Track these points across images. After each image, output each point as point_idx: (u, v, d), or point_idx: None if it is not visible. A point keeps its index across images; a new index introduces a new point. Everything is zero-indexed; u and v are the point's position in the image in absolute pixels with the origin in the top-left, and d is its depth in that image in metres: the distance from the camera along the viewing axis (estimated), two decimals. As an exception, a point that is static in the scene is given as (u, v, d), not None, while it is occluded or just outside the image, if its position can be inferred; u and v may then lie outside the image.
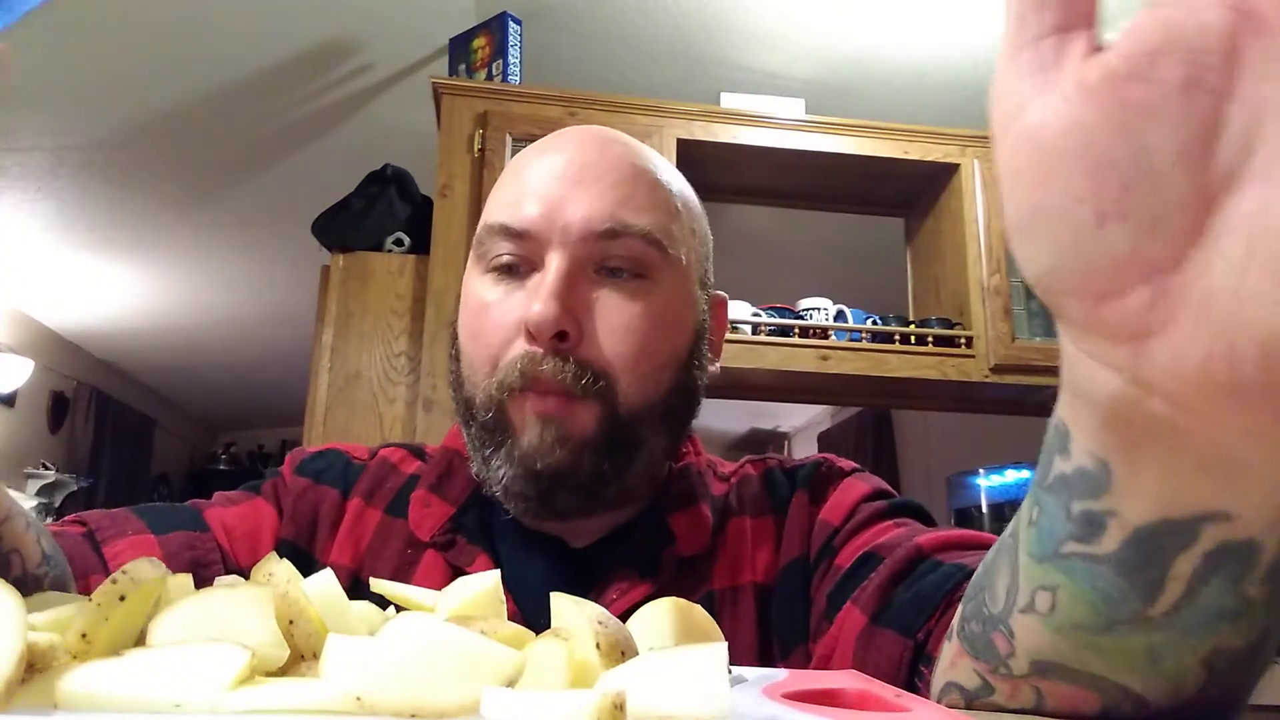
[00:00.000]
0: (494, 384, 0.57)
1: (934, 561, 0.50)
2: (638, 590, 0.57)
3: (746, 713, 0.26)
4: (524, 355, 0.55)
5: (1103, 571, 0.30)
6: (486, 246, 0.59)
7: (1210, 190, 0.23)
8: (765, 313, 2.15)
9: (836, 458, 0.67)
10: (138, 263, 4.08)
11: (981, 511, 4.09)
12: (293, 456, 0.68)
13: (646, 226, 0.58)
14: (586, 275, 0.57)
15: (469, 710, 0.24)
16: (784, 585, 0.60)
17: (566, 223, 0.56)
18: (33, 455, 4.84)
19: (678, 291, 0.60)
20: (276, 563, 0.32)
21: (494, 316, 0.58)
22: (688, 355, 0.61)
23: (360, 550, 0.63)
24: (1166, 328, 0.24)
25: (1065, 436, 0.30)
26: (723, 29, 2.41)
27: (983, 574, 0.39)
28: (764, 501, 0.64)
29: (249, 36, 2.47)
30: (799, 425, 6.37)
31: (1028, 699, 0.36)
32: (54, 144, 3.04)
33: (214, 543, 0.59)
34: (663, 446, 0.61)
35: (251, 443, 6.93)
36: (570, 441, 0.55)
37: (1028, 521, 0.33)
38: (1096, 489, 0.29)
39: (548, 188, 0.58)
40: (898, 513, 0.59)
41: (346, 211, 2.22)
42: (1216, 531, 0.28)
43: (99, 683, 0.23)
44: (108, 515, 0.58)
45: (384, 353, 2.09)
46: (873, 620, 0.50)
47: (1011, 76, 0.25)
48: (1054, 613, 0.33)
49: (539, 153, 0.61)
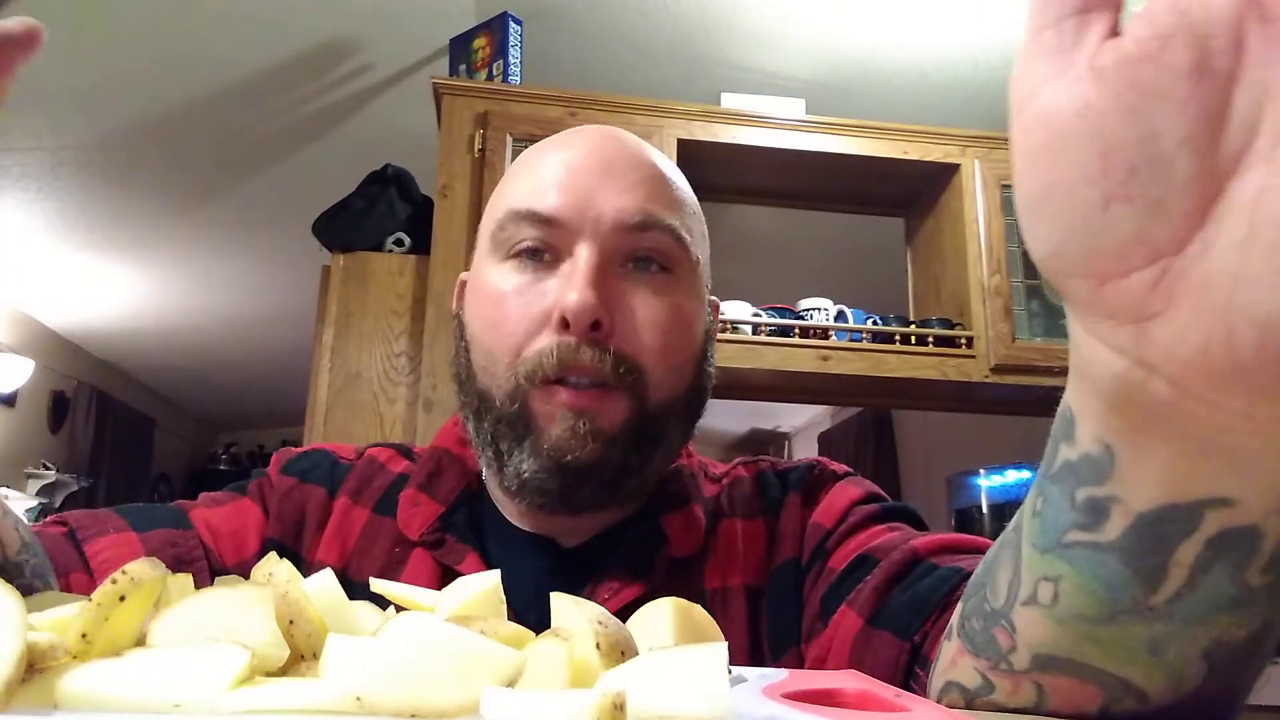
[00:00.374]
0: (520, 374, 0.55)
1: (930, 564, 0.50)
2: (629, 591, 0.57)
3: (746, 713, 0.26)
4: (559, 344, 0.54)
5: (1106, 559, 0.31)
6: (509, 233, 0.58)
7: (1214, 174, 0.23)
8: (765, 313, 2.15)
9: (829, 461, 0.67)
10: (138, 263, 4.08)
11: (982, 512, 4.09)
12: (278, 456, 0.68)
13: (674, 222, 0.58)
14: (615, 268, 0.57)
15: (469, 710, 0.24)
16: (776, 587, 0.60)
17: (599, 213, 0.56)
18: (33, 455, 4.84)
19: (696, 289, 0.61)
20: (276, 563, 0.32)
21: (516, 306, 0.56)
22: (703, 353, 0.62)
23: (347, 549, 0.62)
24: (1168, 310, 0.24)
25: (1071, 423, 0.31)
26: (723, 29, 2.41)
27: (984, 571, 0.39)
28: (755, 503, 0.64)
29: (249, 36, 2.47)
30: (799, 425, 6.37)
31: (1029, 695, 0.36)
32: (54, 144, 3.04)
33: (197, 541, 0.59)
34: (678, 443, 0.61)
35: (251, 443, 6.93)
36: (601, 435, 0.55)
37: (1031, 513, 0.34)
38: (1101, 475, 0.30)
39: (575, 179, 0.57)
40: (890, 517, 0.59)
41: (347, 211, 2.22)
42: (1219, 517, 0.28)
43: (99, 683, 0.23)
44: (89, 514, 0.58)
45: (384, 353, 2.09)
46: (869, 623, 0.51)
47: (1031, 57, 0.26)
48: (1056, 603, 0.33)
49: (556, 147, 0.61)
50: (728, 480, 0.67)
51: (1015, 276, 2.16)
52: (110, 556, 0.55)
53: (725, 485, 0.66)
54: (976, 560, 0.48)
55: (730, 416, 5.89)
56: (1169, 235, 0.24)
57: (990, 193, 2.21)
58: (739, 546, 0.62)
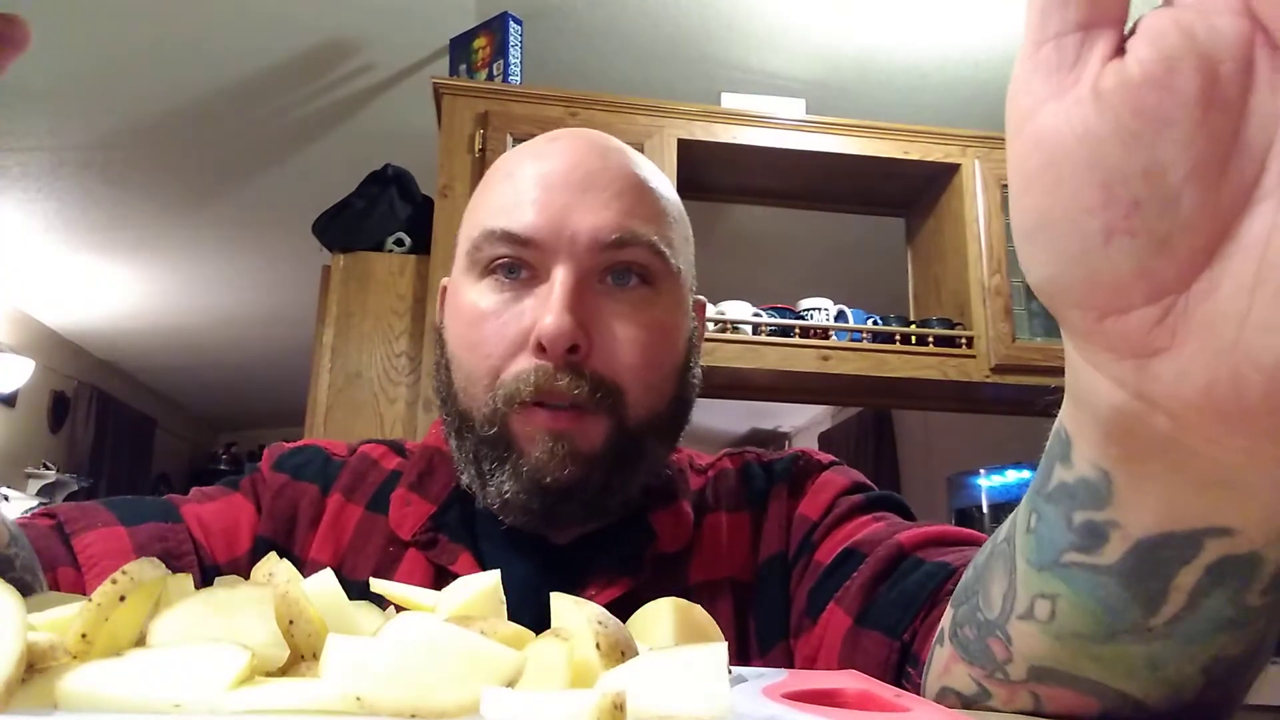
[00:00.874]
0: (499, 397, 0.55)
1: (916, 559, 0.50)
2: (615, 587, 0.57)
3: (746, 713, 0.25)
4: (536, 369, 0.54)
5: (1104, 582, 0.30)
6: (484, 252, 0.57)
7: (1221, 210, 0.22)
8: (765, 313, 2.15)
9: (814, 451, 0.67)
10: (138, 263, 4.08)
11: (982, 511, 4.09)
12: (271, 452, 0.68)
13: (653, 236, 0.57)
14: (593, 285, 0.56)
15: (469, 710, 0.24)
16: (763, 581, 0.60)
17: (575, 232, 0.55)
18: (33, 455, 4.84)
19: (676, 300, 0.60)
20: (276, 563, 0.32)
21: (494, 327, 0.56)
22: (684, 363, 0.61)
23: (341, 547, 0.62)
24: (1171, 348, 0.23)
25: (1067, 445, 0.30)
26: (723, 29, 2.41)
27: (974, 578, 0.38)
28: (740, 496, 0.64)
29: (249, 36, 2.47)
30: (799, 425, 6.37)
31: (1025, 703, 0.36)
32: (54, 144, 3.04)
33: (186, 535, 0.58)
34: (662, 456, 0.61)
35: (251, 443, 6.93)
36: (580, 457, 0.54)
37: (1025, 529, 0.33)
38: (1099, 500, 0.29)
39: (551, 194, 0.56)
40: (876, 506, 0.59)
41: (347, 212, 2.22)
42: (1218, 546, 0.28)
43: (99, 683, 0.23)
44: (77, 507, 0.57)
45: (384, 353, 2.09)
46: (857, 622, 0.50)
47: (1029, 73, 0.24)
48: (1053, 621, 0.32)
49: (534, 156, 0.59)
50: (713, 472, 0.66)
51: (1015, 276, 2.16)
52: (98, 550, 0.54)
53: (710, 478, 0.66)
54: (962, 553, 0.48)
55: (730, 416, 5.89)
56: (1174, 273, 0.23)
57: (990, 193, 2.21)
58: (724, 540, 0.62)
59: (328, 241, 2.20)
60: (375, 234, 2.18)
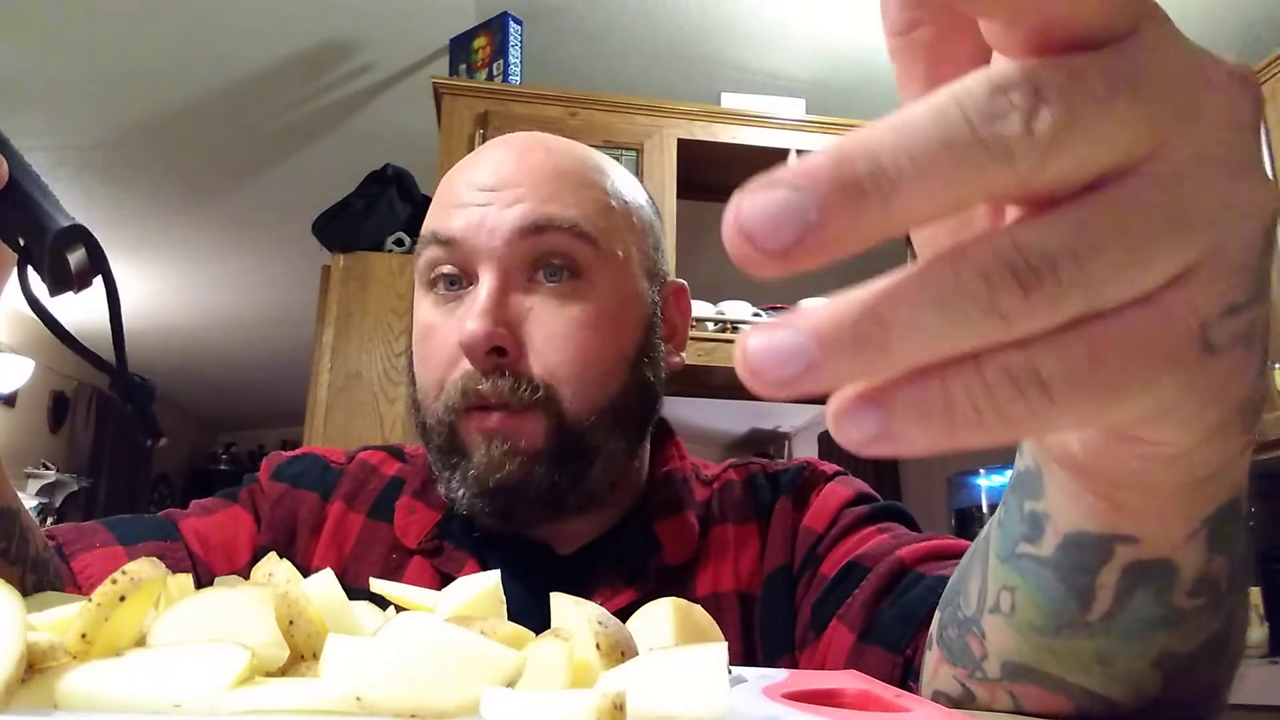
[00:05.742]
0: (441, 407, 0.57)
1: (916, 574, 0.50)
2: (621, 597, 0.57)
3: (746, 713, 0.25)
4: (465, 375, 0.55)
5: (1045, 574, 0.31)
6: (425, 258, 0.59)
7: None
8: (765, 313, 2.15)
9: (819, 461, 0.67)
10: (138, 263, 4.08)
11: (982, 511, 4.09)
12: (269, 461, 0.68)
13: (574, 219, 0.56)
14: (520, 284, 0.56)
15: (469, 710, 0.24)
16: (768, 594, 0.60)
17: (493, 227, 0.56)
18: (33, 455, 4.84)
19: (616, 289, 0.59)
20: (276, 563, 0.32)
21: (438, 339, 0.58)
22: (637, 352, 0.60)
23: (344, 555, 0.62)
24: None
25: None
26: (723, 29, 2.41)
27: (958, 578, 0.39)
28: (747, 508, 0.64)
29: (249, 36, 2.47)
30: (799, 425, 6.37)
31: (1005, 704, 0.36)
32: (54, 144, 3.04)
33: (185, 553, 0.59)
34: (623, 449, 0.60)
35: (251, 443, 6.93)
36: (519, 454, 0.55)
37: (997, 522, 0.34)
38: (1036, 490, 0.30)
39: (471, 196, 0.58)
40: (880, 517, 0.59)
41: (347, 211, 2.22)
42: (1128, 551, 0.28)
43: (99, 683, 0.23)
44: (75, 529, 0.58)
45: (384, 353, 2.09)
46: (860, 638, 0.51)
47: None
48: (1014, 613, 0.33)
49: (467, 164, 0.61)
50: (719, 484, 0.67)
51: (1015, 276, 2.16)
52: (97, 571, 0.55)
53: (716, 489, 0.66)
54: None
55: (730, 416, 5.88)
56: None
57: (990, 193, 2.21)
58: (731, 552, 0.62)
59: (327, 241, 2.20)
60: (375, 234, 2.18)
